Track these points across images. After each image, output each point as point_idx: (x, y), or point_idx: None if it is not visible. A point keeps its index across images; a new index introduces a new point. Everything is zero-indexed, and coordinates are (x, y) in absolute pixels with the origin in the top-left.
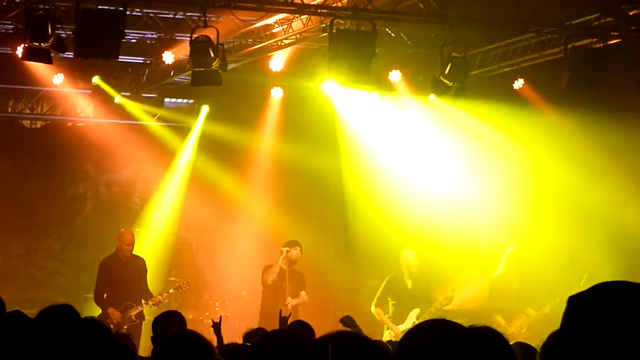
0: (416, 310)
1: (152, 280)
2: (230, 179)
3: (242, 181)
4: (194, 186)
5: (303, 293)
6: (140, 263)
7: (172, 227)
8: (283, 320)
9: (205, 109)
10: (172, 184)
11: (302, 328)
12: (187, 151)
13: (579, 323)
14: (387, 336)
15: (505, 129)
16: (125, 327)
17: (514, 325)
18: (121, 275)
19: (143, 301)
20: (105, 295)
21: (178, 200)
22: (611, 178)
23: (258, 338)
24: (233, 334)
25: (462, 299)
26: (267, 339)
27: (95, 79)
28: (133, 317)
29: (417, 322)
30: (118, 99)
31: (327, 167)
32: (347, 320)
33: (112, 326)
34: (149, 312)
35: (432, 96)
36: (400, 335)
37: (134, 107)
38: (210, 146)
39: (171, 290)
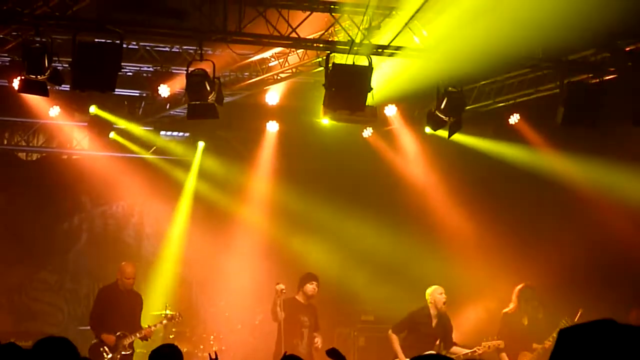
0: (431, 352)
1: (146, 313)
2: (225, 213)
3: (236, 215)
4: (189, 221)
5: (319, 340)
6: (137, 298)
7: (167, 261)
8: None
9: (201, 145)
10: (168, 220)
11: None
12: (183, 187)
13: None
14: None
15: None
16: (119, 356)
17: None
18: (119, 304)
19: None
20: (101, 321)
21: (174, 235)
22: (609, 212)
23: None
24: None
25: (456, 336)
26: None
27: (93, 109)
28: (127, 345)
29: None
30: (112, 134)
31: (323, 203)
32: (332, 353)
33: (105, 354)
34: (145, 345)
35: (427, 129)
36: None
37: (129, 141)
38: (205, 180)
39: (164, 322)
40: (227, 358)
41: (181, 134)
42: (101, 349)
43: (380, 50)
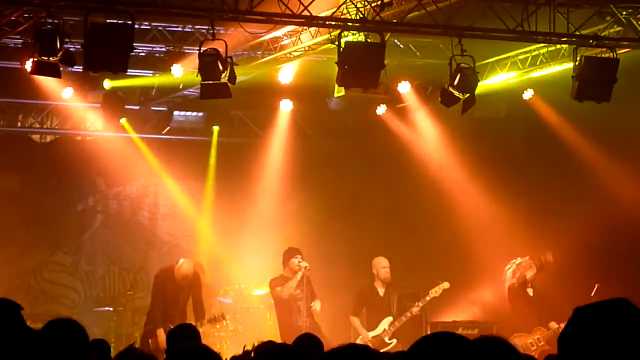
0: (388, 319)
1: None
2: (240, 192)
3: (251, 194)
4: (204, 201)
5: (315, 304)
6: (195, 282)
7: (183, 240)
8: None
9: (215, 129)
10: (183, 200)
11: (311, 342)
12: (198, 167)
13: (579, 337)
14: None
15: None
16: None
17: (532, 336)
18: (175, 295)
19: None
20: (159, 313)
21: (190, 215)
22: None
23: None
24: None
25: (471, 312)
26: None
27: (107, 84)
28: None
29: (387, 329)
30: (123, 120)
31: (337, 180)
32: None
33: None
34: None
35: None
36: (369, 342)
37: (140, 124)
38: (219, 160)
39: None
40: (244, 338)
41: (195, 113)
42: (150, 341)
43: (392, 27)
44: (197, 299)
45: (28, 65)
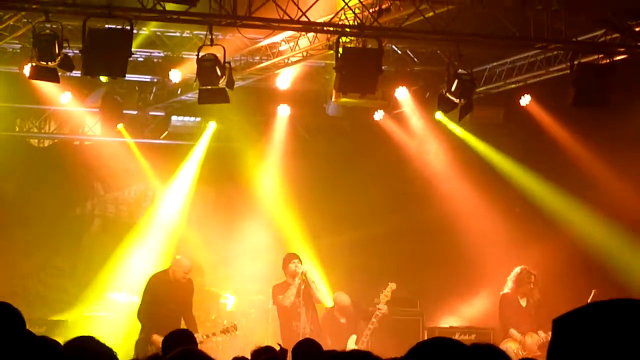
0: (353, 337)
1: None
2: (236, 197)
3: (248, 199)
4: (197, 202)
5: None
6: (189, 286)
7: (179, 245)
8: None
9: (212, 125)
10: (181, 204)
11: (311, 347)
12: (191, 167)
13: (562, 350)
14: None
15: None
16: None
17: (526, 342)
18: (170, 296)
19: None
20: (150, 314)
21: (185, 219)
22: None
23: (267, 355)
24: (241, 351)
25: (468, 317)
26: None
27: (103, 78)
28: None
29: (356, 348)
30: (120, 125)
31: (335, 185)
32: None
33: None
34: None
35: (438, 114)
36: None
37: (138, 129)
38: (217, 164)
39: (219, 337)
40: (240, 343)
41: (192, 118)
42: (148, 347)
43: (390, 32)
44: (188, 309)
45: (26, 69)
